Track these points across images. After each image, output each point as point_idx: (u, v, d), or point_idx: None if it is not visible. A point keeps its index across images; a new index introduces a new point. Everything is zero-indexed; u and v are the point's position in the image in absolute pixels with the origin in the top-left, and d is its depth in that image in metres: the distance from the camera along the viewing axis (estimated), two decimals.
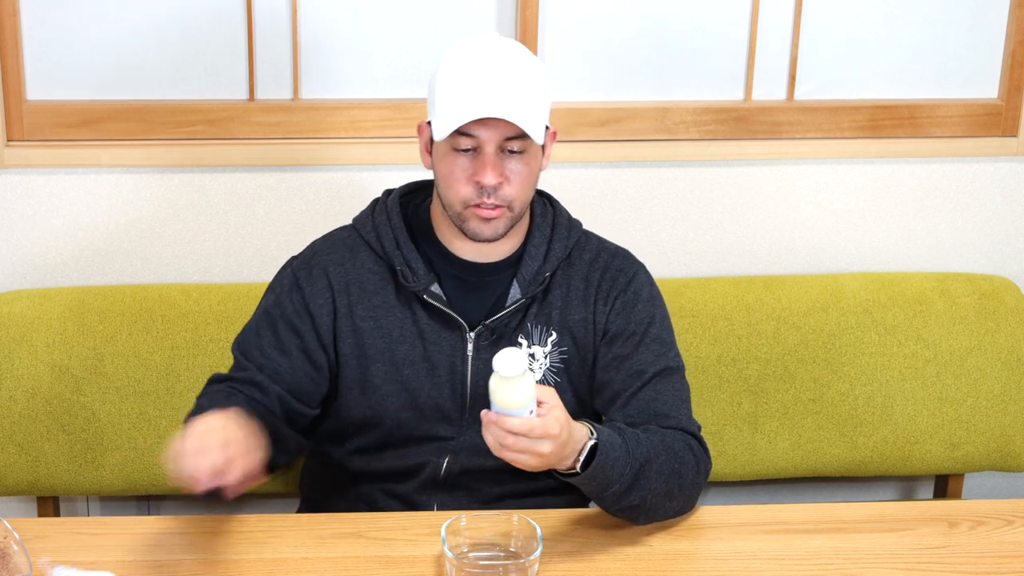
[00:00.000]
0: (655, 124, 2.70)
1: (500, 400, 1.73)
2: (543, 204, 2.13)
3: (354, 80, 2.65)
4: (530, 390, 1.73)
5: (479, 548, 1.85)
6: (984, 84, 2.78)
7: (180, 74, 2.61)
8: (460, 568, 1.77)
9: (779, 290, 2.65)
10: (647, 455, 1.90)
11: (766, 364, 2.60)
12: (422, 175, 2.16)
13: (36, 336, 2.48)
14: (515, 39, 2.60)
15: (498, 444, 1.74)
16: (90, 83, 2.60)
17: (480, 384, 2.05)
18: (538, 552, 1.78)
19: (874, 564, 1.92)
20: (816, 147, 2.74)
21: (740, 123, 2.71)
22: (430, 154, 2.02)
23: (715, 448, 2.55)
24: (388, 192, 2.14)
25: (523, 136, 1.92)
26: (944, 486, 2.79)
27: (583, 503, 2.12)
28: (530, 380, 1.73)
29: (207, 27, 2.59)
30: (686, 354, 2.13)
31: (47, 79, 2.59)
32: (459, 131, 1.92)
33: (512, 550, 1.85)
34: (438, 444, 2.08)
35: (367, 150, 2.65)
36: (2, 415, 2.47)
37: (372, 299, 2.07)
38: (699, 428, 2.05)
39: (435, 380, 2.06)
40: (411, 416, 2.07)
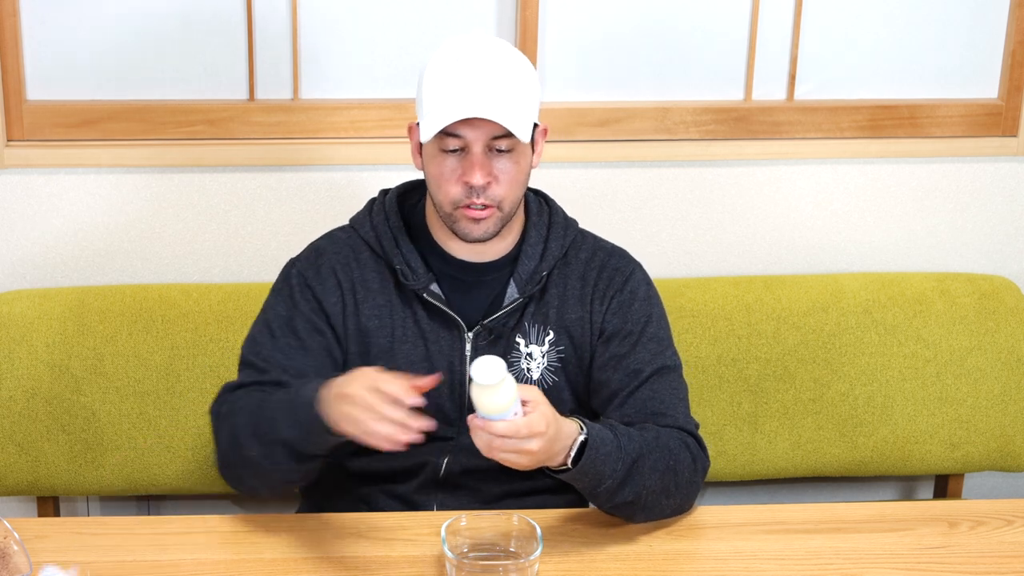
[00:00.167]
0: (655, 124, 2.69)
1: (482, 407, 1.74)
2: (539, 203, 2.12)
3: (354, 80, 2.65)
4: (511, 394, 1.73)
5: (479, 548, 1.85)
6: (984, 84, 2.78)
7: (180, 74, 2.61)
8: (460, 568, 1.77)
9: (779, 290, 2.64)
10: (639, 451, 1.90)
11: (766, 364, 2.60)
12: (421, 175, 2.16)
13: (36, 336, 2.48)
14: (515, 39, 2.61)
15: (488, 447, 1.75)
16: (90, 83, 2.60)
17: None
18: (538, 552, 1.78)
19: (874, 564, 1.92)
20: (816, 147, 2.74)
21: (740, 123, 2.71)
22: (421, 155, 2.02)
23: (715, 448, 2.55)
24: (384, 192, 2.14)
25: (510, 135, 1.92)
26: (944, 486, 2.79)
27: (583, 503, 2.12)
28: (510, 384, 1.73)
29: (207, 27, 2.58)
30: (686, 354, 2.14)
31: (47, 79, 2.59)
32: (445, 132, 1.92)
33: (512, 550, 1.84)
34: (438, 444, 2.08)
35: (367, 150, 2.65)
36: (2, 415, 2.47)
37: (377, 298, 2.06)
38: (697, 426, 2.05)
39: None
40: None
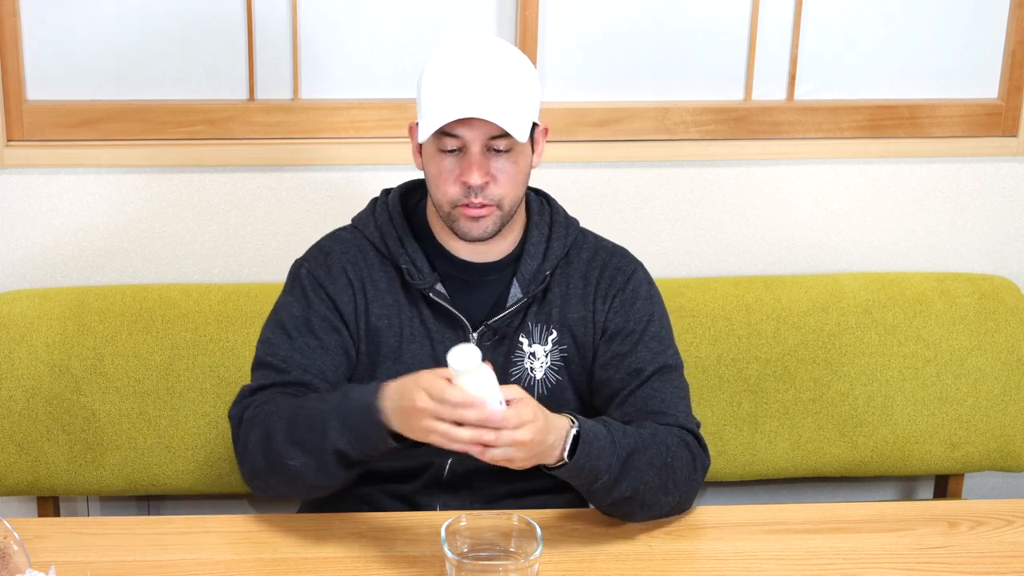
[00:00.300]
0: (655, 124, 2.69)
1: None
2: (540, 202, 2.12)
3: (354, 80, 2.65)
4: (491, 382, 1.74)
5: (479, 548, 1.85)
6: (984, 84, 2.78)
7: (180, 74, 2.61)
8: (460, 568, 1.77)
9: (779, 290, 2.64)
10: (633, 445, 1.90)
11: (766, 364, 2.60)
12: (421, 174, 2.15)
13: (36, 336, 2.48)
14: (515, 39, 2.61)
15: (481, 448, 1.75)
16: (90, 83, 2.60)
17: None
18: (538, 552, 1.78)
19: (874, 564, 1.92)
20: (816, 147, 2.74)
21: (740, 123, 2.71)
22: (421, 155, 2.02)
23: (715, 448, 2.55)
24: (387, 191, 2.13)
25: (508, 135, 1.91)
26: (944, 486, 2.79)
27: (583, 503, 2.12)
28: (487, 373, 1.74)
29: (207, 27, 2.58)
30: (686, 354, 2.14)
31: (47, 79, 2.59)
32: (443, 132, 1.92)
33: (512, 550, 1.84)
34: None
35: (367, 150, 2.65)
36: (2, 415, 2.47)
37: (385, 298, 2.06)
38: (698, 425, 2.05)
39: None
40: None
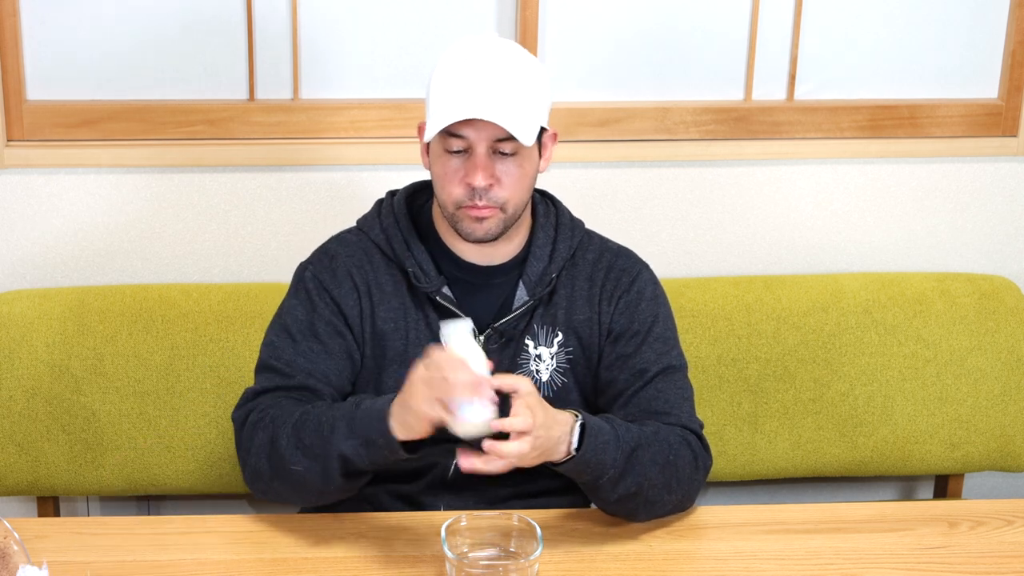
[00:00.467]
0: (655, 124, 2.69)
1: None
2: (545, 204, 2.12)
3: (354, 80, 2.65)
4: (477, 353, 1.76)
5: (479, 548, 1.85)
6: (984, 84, 2.78)
7: (180, 74, 2.61)
8: (460, 568, 1.77)
9: (779, 290, 2.64)
10: (637, 441, 1.90)
11: (766, 364, 2.60)
12: (422, 175, 2.15)
13: (36, 336, 2.48)
14: (515, 39, 2.61)
15: (497, 462, 1.77)
16: (90, 83, 2.60)
17: None
18: (538, 552, 1.78)
19: (874, 564, 1.92)
20: (816, 147, 2.74)
21: (740, 123, 2.71)
22: (428, 155, 2.02)
23: (715, 448, 2.55)
24: (392, 193, 2.13)
25: (514, 138, 1.91)
26: (944, 486, 2.79)
27: (586, 505, 2.12)
28: (474, 347, 1.76)
29: (207, 27, 2.58)
30: (686, 354, 2.14)
31: (47, 79, 2.59)
32: (449, 132, 1.92)
33: (512, 550, 1.84)
34: (447, 445, 2.07)
35: (367, 150, 2.65)
36: (2, 415, 2.47)
37: (391, 301, 2.05)
38: (701, 426, 2.05)
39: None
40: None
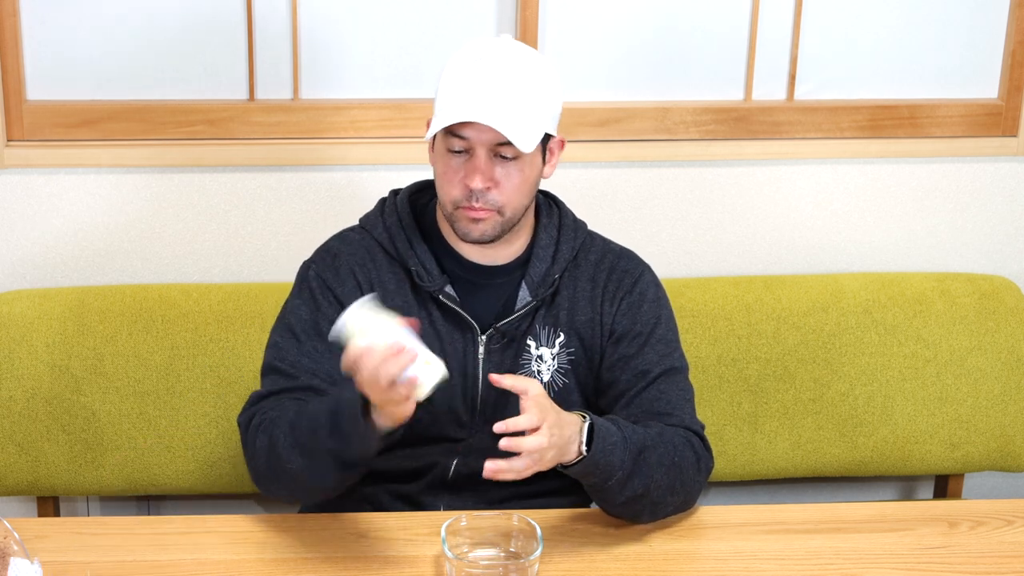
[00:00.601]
0: (655, 124, 2.70)
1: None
2: (548, 205, 2.12)
3: (354, 80, 2.65)
4: (380, 322, 1.74)
5: (479, 548, 1.85)
6: (984, 84, 2.78)
7: (180, 74, 2.61)
8: (460, 568, 1.77)
9: (779, 290, 2.64)
10: (643, 442, 1.90)
11: (766, 364, 2.60)
12: (421, 175, 2.15)
13: (36, 336, 2.48)
14: (515, 39, 2.60)
15: (524, 464, 1.76)
16: (90, 83, 2.60)
17: (490, 387, 2.03)
18: (538, 552, 1.78)
19: (874, 564, 1.92)
20: (816, 147, 2.74)
21: (740, 123, 2.71)
22: (433, 151, 2.02)
23: (715, 448, 2.54)
24: (395, 192, 2.12)
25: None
26: (944, 486, 2.79)
27: (584, 503, 2.12)
28: (374, 326, 1.74)
29: (207, 27, 2.58)
30: (686, 354, 2.14)
31: (47, 79, 2.59)
32: (451, 132, 1.92)
33: (512, 550, 1.84)
34: (448, 445, 2.07)
35: (367, 150, 2.65)
36: (2, 415, 2.47)
37: (394, 299, 2.05)
38: (702, 427, 2.05)
39: (448, 382, 2.04)
40: (423, 418, 2.05)
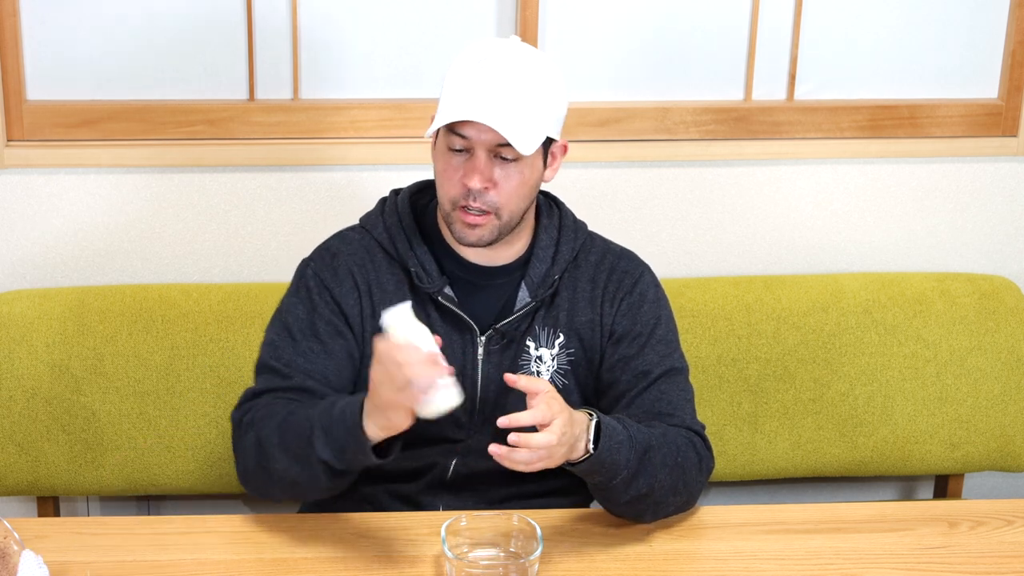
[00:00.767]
0: (655, 124, 2.70)
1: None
2: (548, 206, 2.11)
3: (354, 80, 2.65)
4: (422, 331, 1.74)
5: (479, 548, 1.85)
6: (984, 84, 2.78)
7: (180, 74, 2.61)
8: (460, 568, 1.77)
9: (779, 290, 2.64)
10: (648, 442, 1.90)
11: (766, 364, 2.60)
12: (421, 175, 2.15)
13: (36, 336, 2.48)
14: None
15: (528, 458, 1.74)
16: (90, 83, 2.60)
17: (489, 387, 2.04)
18: (538, 552, 1.78)
19: (874, 564, 1.92)
20: (816, 147, 2.74)
21: (740, 123, 2.71)
22: (435, 149, 2.02)
23: (715, 448, 2.53)
24: (396, 192, 2.12)
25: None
26: (944, 486, 2.79)
27: (584, 503, 2.12)
28: (418, 330, 1.74)
29: (207, 27, 2.58)
30: (686, 354, 2.14)
31: (47, 79, 2.59)
32: (453, 131, 1.92)
33: (512, 550, 1.84)
34: (446, 446, 2.07)
35: (367, 150, 2.65)
36: (2, 415, 2.47)
37: (392, 300, 2.03)
38: (703, 428, 2.05)
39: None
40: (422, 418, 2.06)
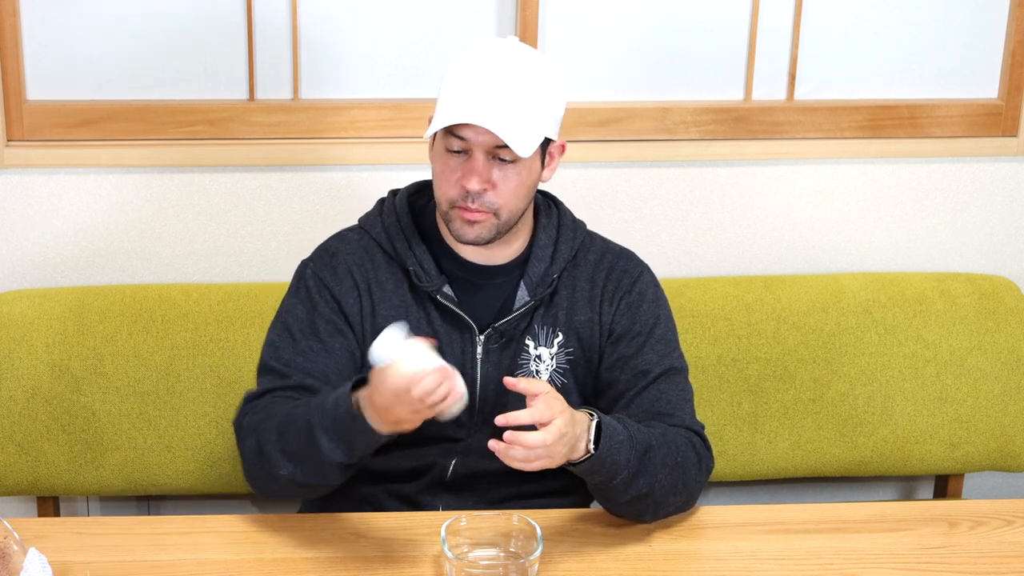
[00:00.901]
0: (655, 124, 2.69)
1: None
2: (547, 205, 2.11)
3: (354, 80, 2.65)
4: (421, 351, 1.73)
5: (479, 548, 1.85)
6: (984, 84, 2.78)
7: (180, 74, 2.61)
8: (460, 568, 1.77)
9: (779, 290, 2.64)
10: (648, 442, 1.90)
11: (766, 364, 2.60)
12: (421, 175, 2.15)
13: (36, 336, 2.48)
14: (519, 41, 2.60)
15: (525, 456, 1.74)
16: (90, 83, 2.60)
17: (489, 387, 2.04)
18: (538, 552, 1.78)
19: (874, 564, 1.92)
20: (816, 147, 2.74)
21: (740, 123, 2.71)
22: (433, 150, 2.02)
23: (715, 448, 2.53)
24: (394, 192, 2.12)
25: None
26: (944, 486, 2.79)
27: (584, 503, 2.12)
28: (415, 350, 1.73)
29: (207, 27, 2.58)
30: (686, 354, 2.14)
31: (47, 79, 2.59)
32: (451, 132, 1.92)
33: (512, 550, 1.85)
34: (446, 445, 2.07)
35: (367, 150, 2.65)
36: (2, 415, 2.47)
37: (392, 299, 2.05)
38: (703, 428, 2.05)
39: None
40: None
